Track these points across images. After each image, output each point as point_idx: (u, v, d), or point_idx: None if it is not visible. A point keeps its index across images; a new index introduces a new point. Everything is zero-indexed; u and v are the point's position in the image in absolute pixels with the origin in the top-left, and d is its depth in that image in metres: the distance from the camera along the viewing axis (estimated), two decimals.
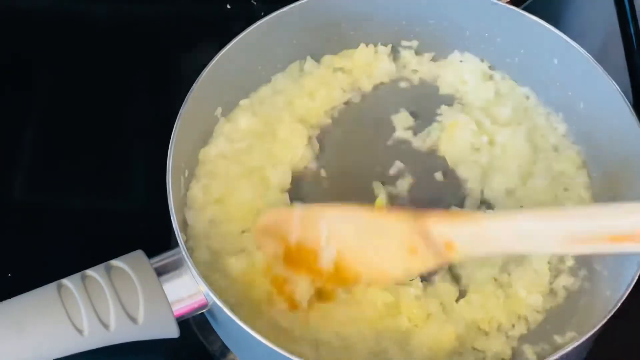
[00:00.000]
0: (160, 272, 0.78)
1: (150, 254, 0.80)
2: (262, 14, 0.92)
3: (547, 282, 0.87)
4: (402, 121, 0.97)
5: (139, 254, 0.79)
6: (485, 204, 0.91)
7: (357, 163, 0.95)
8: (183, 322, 0.79)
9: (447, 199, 0.92)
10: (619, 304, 0.77)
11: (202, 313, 0.81)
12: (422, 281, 0.86)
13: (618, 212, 0.71)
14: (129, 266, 0.78)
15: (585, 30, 1.07)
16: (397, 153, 0.95)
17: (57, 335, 0.75)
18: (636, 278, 0.78)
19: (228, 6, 1.12)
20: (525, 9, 0.94)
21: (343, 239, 0.80)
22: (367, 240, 0.80)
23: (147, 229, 0.94)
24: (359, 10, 0.97)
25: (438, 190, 0.93)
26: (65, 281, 0.77)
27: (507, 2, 0.96)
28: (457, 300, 0.86)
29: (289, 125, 0.94)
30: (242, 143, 0.93)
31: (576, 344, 0.76)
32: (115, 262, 0.78)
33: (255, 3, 1.12)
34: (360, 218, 0.80)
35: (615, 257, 0.86)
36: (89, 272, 0.77)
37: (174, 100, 0.86)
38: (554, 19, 0.95)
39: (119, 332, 0.76)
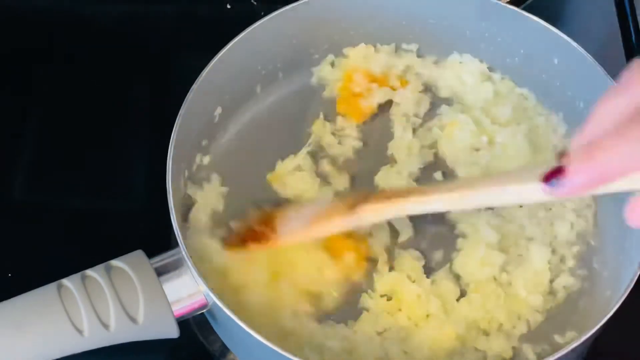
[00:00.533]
0: (160, 272, 0.78)
1: (150, 254, 0.80)
2: (262, 14, 0.92)
3: (547, 282, 0.87)
4: (401, 121, 0.97)
5: (139, 254, 0.79)
6: None
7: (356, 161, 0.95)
8: (183, 322, 0.79)
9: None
10: (619, 304, 0.77)
11: (202, 313, 0.81)
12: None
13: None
14: (129, 266, 0.78)
15: (585, 30, 1.07)
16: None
17: (57, 335, 0.75)
18: (636, 278, 0.78)
19: (228, 6, 1.12)
20: (525, 9, 0.94)
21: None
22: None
23: (147, 229, 0.94)
24: (359, 10, 0.97)
25: None
26: (65, 281, 0.77)
27: (507, 2, 0.96)
28: (457, 300, 0.86)
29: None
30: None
31: (576, 344, 0.76)
32: (115, 262, 0.78)
33: (255, 3, 1.12)
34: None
35: (615, 257, 0.87)
36: (89, 272, 0.77)
37: (174, 100, 0.86)
38: (554, 19, 0.95)
39: (119, 332, 0.76)
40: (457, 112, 0.96)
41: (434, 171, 0.94)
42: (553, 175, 0.63)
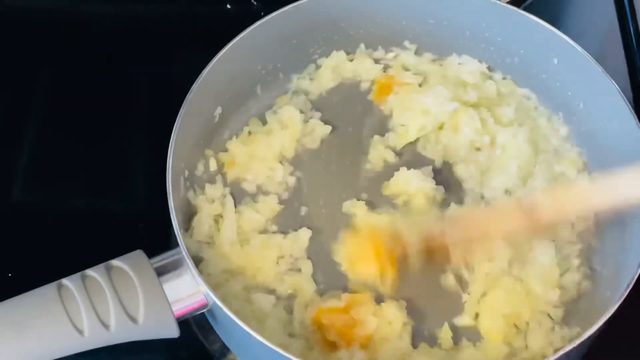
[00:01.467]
0: (160, 272, 0.78)
1: (150, 254, 0.80)
2: (262, 14, 0.93)
3: (558, 277, 0.86)
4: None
5: (139, 254, 0.79)
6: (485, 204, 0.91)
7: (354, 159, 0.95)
8: (183, 322, 0.79)
9: (447, 199, 0.92)
10: (619, 304, 0.77)
11: (202, 313, 0.81)
12: None
13: None
14: (129, 266, 0.78)
15: (585, 30, 1.07)
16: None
17: (57, 335, 0.75)
18: (636, 278, 0.78)
19: (228, 6, 1.12)
20: (525, 9, 0.94)
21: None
22: None
23: (147, 229, 0.94)
24: (359, 10, 0.97)
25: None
26: (65, 281, 0.77)
27: (507, 2, 0.96)
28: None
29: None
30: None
31: (576, 343, 0.76)
32: (115, 262, 0.78)
33: (255, 3, 1.12)
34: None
35: (615, 257, 0.87)
36: (89, 272, 0.78)
37: (174, 100, 0.86)
38: (554, 19, 0.95)
39: (119, 332, 0.76)
40: (457, 112, 0.95)
41: (435, 167, 0.94)
42: None
